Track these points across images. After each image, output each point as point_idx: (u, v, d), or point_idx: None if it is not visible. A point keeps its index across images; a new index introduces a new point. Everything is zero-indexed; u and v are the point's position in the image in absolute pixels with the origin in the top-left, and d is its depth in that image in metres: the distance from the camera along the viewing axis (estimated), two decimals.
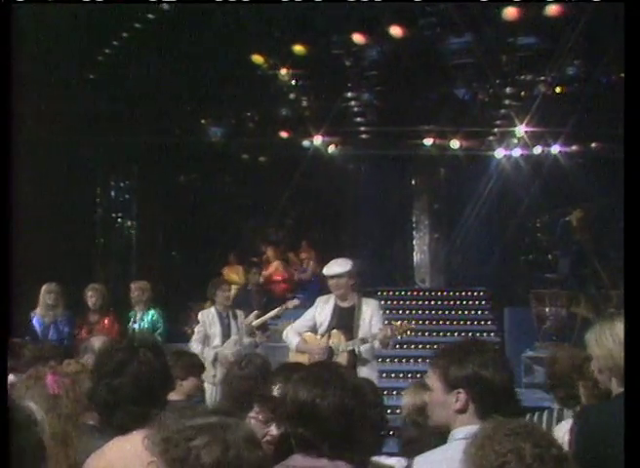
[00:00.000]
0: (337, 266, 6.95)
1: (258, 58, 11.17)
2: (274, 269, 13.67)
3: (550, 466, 2.07)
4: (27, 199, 10.61)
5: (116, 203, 13.54)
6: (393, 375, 11.35)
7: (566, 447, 3.34)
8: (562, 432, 3.59)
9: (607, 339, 3.24)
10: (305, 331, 7.08)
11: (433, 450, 2.78)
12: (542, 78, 12.26)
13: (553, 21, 10.61)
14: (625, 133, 2.97)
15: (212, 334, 8.68)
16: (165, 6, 9.84)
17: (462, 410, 2.76)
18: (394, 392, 10.37)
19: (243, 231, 15.03)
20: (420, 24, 9.78)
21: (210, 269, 13.61)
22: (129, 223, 13.60)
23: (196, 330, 8.78)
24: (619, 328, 3.23)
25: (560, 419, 4.07)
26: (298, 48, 10.66)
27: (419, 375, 10.93)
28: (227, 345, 8.58)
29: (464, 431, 2.62)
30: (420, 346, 12.07)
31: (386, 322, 7.00)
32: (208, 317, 8.77)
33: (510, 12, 9.40)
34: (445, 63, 11.54)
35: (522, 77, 12.50)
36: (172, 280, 13.66)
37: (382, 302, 12.91)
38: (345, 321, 6.87)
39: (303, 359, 6.66)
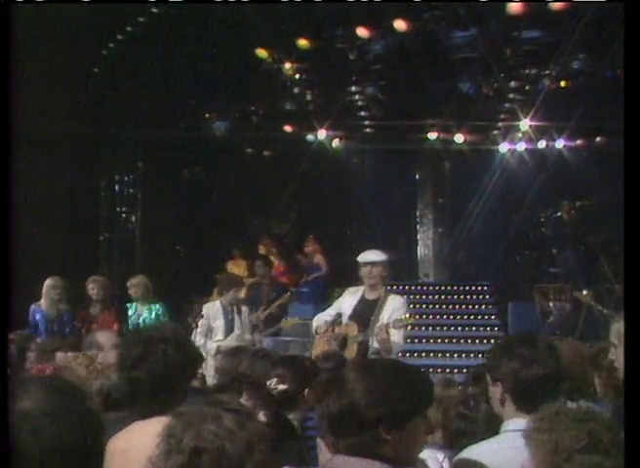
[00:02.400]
0: (373, 254, 6.99)
1: (262, 53, 11.16)
2: (283, 265, 13.67)
3: (621, 450, 2.09)
4: (32, 193, 10.64)
5: (120, 197, 13.53)
6: None
7: None
8: None
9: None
10: (331, 319, 7.05)
11: (481, 443, 2.80)
12: (547, 72, 12.22)
13: (558, 15, 10.58)
14: (625, 134, 2.97)
15: (215, 328, 8.72)
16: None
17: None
18: None
19: (247, 225, 15.02)
20: (424, 18, 9.74)
21: (214, 263, 13.63)
22: (133, 218, 13.59)
23: (200, 323, 8.73)
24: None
25: None
26: (302, 42, 10.63)
27: (422, 370, 10.97)
28: (230, 339, 8.58)
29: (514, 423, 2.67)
30: (424, 341, 12.10)
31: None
32: (212, 310, 8.80)
33: (514, 6, 9.37)
34: (449, 57, 11.49)
35: (527, 71, 12.47)
36: (176, 274, 13.69)
37: None
38: (367, 312, 6.84)
39: (324, 346, 6.74)
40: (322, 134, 13.47)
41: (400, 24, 9.81)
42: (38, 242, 10.90)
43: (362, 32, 10.32)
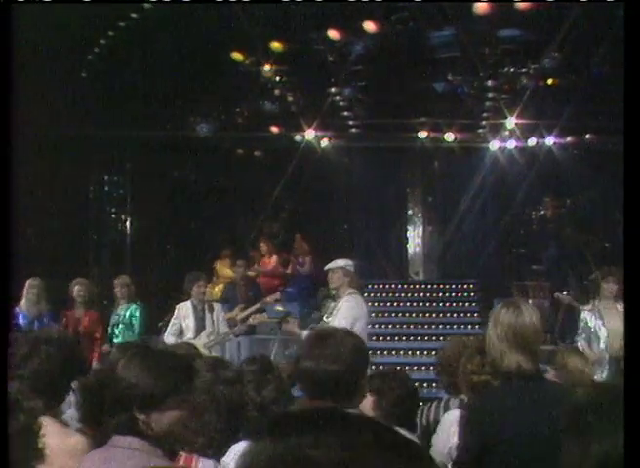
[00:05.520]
0: (332, 262, 7.61)
1: (237, 56, 11.22)
2: (274, 263, 13.76)
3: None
4: (20, 195, 10.80)
5: (110, 198, 13.70)
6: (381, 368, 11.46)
7: (454, 438, 3.47)
8: (448, 422, 3.71)
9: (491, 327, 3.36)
10: None
11: None
12: (526, 70, 12.24)
13: (542, 13, 10.59)
14: (626, 134, 3.03)
15: (185, 327, 8.75)
16: (146, 5, 10.01)
17: None
18: None
19: (237, 225, 15.12)
20: (392, 19, 9.78)
21: (204, 263, 13.74)
22: (122, 217, 13.76)
23: (171, 322, 8.87)
24: (503, 317, 3.33)
25: (447, 409, 4.21)
26: (275, 45, 10.70)
27: (407, 367, 11.05)
28: (200, 338, 8.60)
29: None
30: (412, 338, 12.21)
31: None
32: (183, 310, 8.84)
33: (482, 6, 9.39)
34: (430, 57, 11.54)
35: (511, 69, 12.45)
36: (166, 274, 13.82)
37: (372, 295, 13.14)
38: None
39: None
40: (310, 134, 13.58)
41: (369, 26, 9.86)
42: (27, 243, 11.09)
43: (333, 34, 10.36)
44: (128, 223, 13.79)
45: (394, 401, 3.93)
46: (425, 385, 10.05)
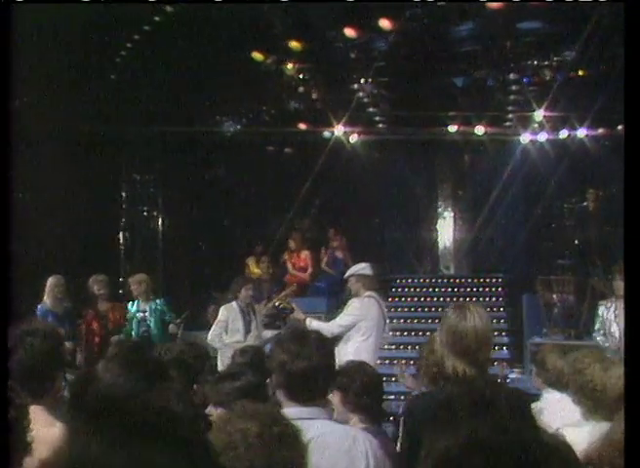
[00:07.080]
0: (349, 270, 8.06)
1: (258, 56, 11.32)
2: (305, 258, 13.86)
3: (273, 443, 2.22)
4: (54, 194, 11.14)
5: (141, 197, 13.92)
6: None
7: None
8: None
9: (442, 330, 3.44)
10: None
11: None
12: (549, 62, 12.11)
13: (563, 5, 10.47)
14: (626, 133, 3.04)
15: (233, 329, 8.93)
16: (168, 7, 10.19)
17: None
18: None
19: (268, 222, 15.26)
20: (407, 16, 9.78)
21: (235, 260, 13.94)
22: (155, 215, 13.98)
23: (216, 322, 9.04)
24: (446, 321, 3.41)
25: None
26: (293, 44, 10.76)
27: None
28: (249, 341, 8.69)
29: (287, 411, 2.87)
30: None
31: None
32: (231, 312, 9.02)
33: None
34: (451, 52, 11.51)
35: (535, 62, 12.34)
36: (197, 271, 14.05)
37: (399, 290, 13.19)
38: None
39: None
40: (339, 130, 13.61)
41: (384, 23, 9.87)
42: (61, 242, 11.40)
43: (350, 32, 10.39)
44: (159, 222, 14.00)
45: (358, 392, 4.16)
46: None
